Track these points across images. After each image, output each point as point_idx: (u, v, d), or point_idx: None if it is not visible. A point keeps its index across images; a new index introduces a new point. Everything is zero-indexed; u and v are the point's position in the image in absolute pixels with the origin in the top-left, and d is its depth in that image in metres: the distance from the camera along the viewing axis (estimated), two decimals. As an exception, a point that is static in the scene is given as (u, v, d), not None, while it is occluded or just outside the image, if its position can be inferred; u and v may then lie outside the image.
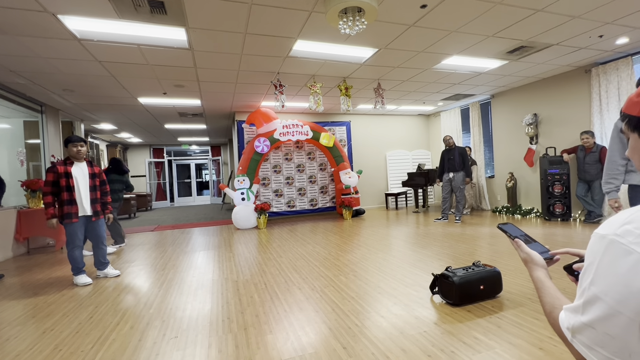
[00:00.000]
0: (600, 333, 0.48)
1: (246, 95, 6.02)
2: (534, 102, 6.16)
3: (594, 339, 0.49)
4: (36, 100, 5.56)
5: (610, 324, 0.46)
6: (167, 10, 2.92)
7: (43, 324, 2.34)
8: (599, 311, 0.48)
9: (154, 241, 5.43)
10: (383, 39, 3.81)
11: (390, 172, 8.65)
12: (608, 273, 0.47)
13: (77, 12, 2.88)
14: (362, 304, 2.43)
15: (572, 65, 5.20)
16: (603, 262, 0.48)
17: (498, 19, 3.44)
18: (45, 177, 3.17)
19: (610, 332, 0.47)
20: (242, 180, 6.32)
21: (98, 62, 4.03)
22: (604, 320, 0.47)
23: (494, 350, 1.73)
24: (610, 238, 0.47)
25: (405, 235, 4.89)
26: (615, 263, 0.46)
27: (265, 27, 3.36)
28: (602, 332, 0.48)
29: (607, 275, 0.47)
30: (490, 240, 4.25)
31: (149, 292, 2.92)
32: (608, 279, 0.47)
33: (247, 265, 3.66)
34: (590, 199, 4.99)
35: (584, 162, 4.94)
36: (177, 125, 8.75)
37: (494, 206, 7.07)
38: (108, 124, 8.04)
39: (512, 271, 2.96)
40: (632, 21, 3.64)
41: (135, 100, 5.90)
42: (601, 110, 5.04)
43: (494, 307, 2.26)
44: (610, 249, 0.47)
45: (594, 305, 0.49)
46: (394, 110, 8.13)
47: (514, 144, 6.64)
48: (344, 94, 5.36)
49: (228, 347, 1.90)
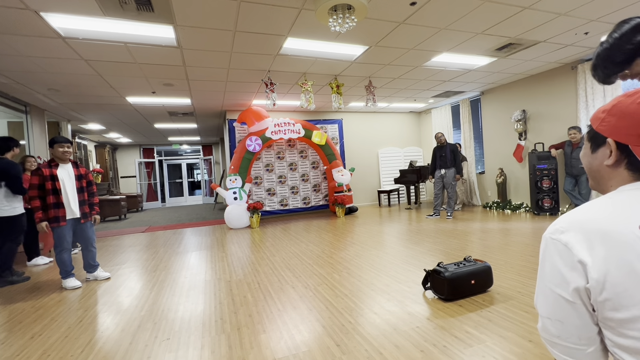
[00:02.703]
0: (554, 322, 0.56)
1: (237, 94, 5.96)
2: (523, 99, 6.25)
3: (551, 331, 0.57)
4: (20, 101, 5.42)
5: (557, 309, 0.55)
6: (154, 7, 2.87)
7: (31, 329, 2.29)
8: (545, 299, 0.57)
9: (145, 242, 5.36)
10: (373, 37, 3.81)
11: (382, 170, 8.69)
12: (545, 265, 0.57)
13: (60, 9, 2.81)
14: (356, 301, 2.44)
15: (559, 62, 5.29)
16: (543, 258, 0.58)
17: (486, 17, 3.47)
18: (31, 181, 3.07)
19: (559, 317, 0.55)
20: (234, 180, 6.28)
21: (84, 60, 3.94)
22: (551, 307, 0.56)
23: (485, 344, 1.76)
24: (545, 237, 0.58)
25: (398, 232, 4.93)
26: (548, 254, 0.56)
27: (255, 25, 3.33)
28: (555, 320, 0.56)
29: (544, 267, 0.57)
30: (481, 236, 4.31)
31: (140, 294, 2.88)
32: (545, 268, 0.57)
33: (240, 264, 3.65)
34: (578, 193, 5.09)
35: (571, 157, 5.04)
36: (167, 125, 8.63)
37: (485, 202, 7.16)
38: (96, 124, 7.89)
39: (503, 265, 3.01)
40: (616, 18, 3.71)
41: (123, 99, 5.80)
42: (587, 106, 5.14)
43: (485, 301, 2.29)
44: (544, 245, 0.57)
45: (541, 295, 0.58)
46: (386, 107, 8.16)
47: (503, 140, 6.73)
48: (336, 92, 5.36)
49: (221, 348, 1.89)
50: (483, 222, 5.31)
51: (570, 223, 0.54)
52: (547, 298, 0.57)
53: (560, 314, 0.55)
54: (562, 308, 0.54)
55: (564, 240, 0.54)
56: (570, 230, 0.53)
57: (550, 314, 0.56)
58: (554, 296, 0.55)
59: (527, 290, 2.41)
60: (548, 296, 0.56)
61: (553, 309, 0.56)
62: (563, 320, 0.55)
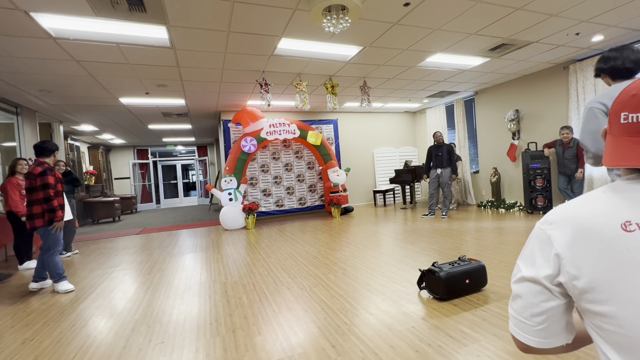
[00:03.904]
0: (515, 297, 0.61)
1: (231, 95, 5.94)
2: (516, 99, 6.31)
3: (512, 305, 0.62)
4: (11, 102, 5.34)
5: (520, 286, 0.59)
6: (146, 7, 2.85)
7: (22, 334, 2.26)
8: (518, 275, 0.60)
9: (139, 244, 5.32)
10: (367, 37, 3.82)
11: (377, 170, 8.71)
12: (526, 247, 0.61)
13: (50, 9, 2.77)
14: (351, 301, 2.44)
15: (551, 62, 5.34)
16: (527, 241, 0.61)
17: (479, 17, 3.49)
18: (49, 180, 3.04)
19: (519, 292, 0.60)
20: (230, 181, 6.25)
21: (76, 61, 3.90)
22: (523, 284, 0.59)
23: (479, 343, 1.77)
24: (536, 225, 0.60)
25: (393, 231, 4.94)
26: (531, 240, 0.60)
27: (249, 25, 3.31)
28: (516, 296, 0.60)
29: (525, 248, 0.61)
30: (475, 235, 4.34)
31: (134, 297, 2.85)
32: (525, 250, 0.61)
33: (236, 266, 3.63)
34: (571, 191, 5.15)
35: (563, 157, 5.09)
36: (161, 126, 8.57)
37: (479, 201, 7.22)
38: (89, 125, 7.80)
39: (497, 265, 3.03)
40: (606, 19, 3.76)
41: (116, 100, 5.74)
42: (579, 106, 5.20)
43: (480, 301, 2.30)
44: (533, 232, 0.60)
45: (517, 275, 0.61)
46: (381, 107, 8.18)
47: (497, 139, 6.78)
48: (330, 92, 5.36)
49: (216, 351, 1.88)
50: (477, 221, 5.34)
51: (558, 216, 0.57)
52: (519, 275, 0.61)
53: (520, 289, 0.60)
54: (524, 286, 0.59)
55: (548, 232, 0.56)
56: (557, 223, 0.56)
57: (521, 291, 0.60)
58: (524, 275, 0.59)
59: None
60: (519, 274, 0.61)
61: (523, 287, 0.59)
62: (522, 296, 0.59)
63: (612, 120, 0.56)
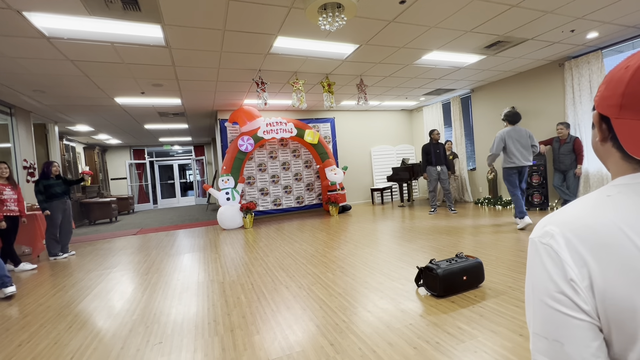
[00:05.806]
0: (552, 342, 0.45)
1: (228, 94, 5.91)
2: (512, 96, 6.33)
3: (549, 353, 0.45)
4: (4, 102, 5.28)
5: (554, 326, 0.45)
6: (140, 6, 2.82)
7: (18, 337, 2.24)
8: (536, 313, 0.47)
9: (136, 245, 5.29)
10: (364, 35, 3.81)
11: (375, 168, 8.72)
12: (532, 269, 0.49)
13: (43, 8, 2.75)
14: (349, 299, 2.44)
15: (547, 59, 5.36)
16: (530, 262, 0.50)
17: (475, 15, 3.50)
18: None
19: (557, 336, 0.44)
20: (227, 180, 6.23)
21: (70, 61, 3.86)
22: (547, 324, 0.46)
23: (477, 339, 1.78)
24: (533, 240, 0.50)
25: (391, 229, 4.95)
26: (535, 260, 0.49)
27: (245, 24, 3.30)
28: (552, 340, 0.45)
29: (532, 271, 0.49)
30: (472, 232, 4.35)
31: (132, 298, 2.84)
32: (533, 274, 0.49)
33: (234, 266, 3.62)
34: (566, 188, 5.18)
35: (559, 153, 5.12)
36: (157, 126, 8.52)
37: (476, 198, 7.24)
38: (84, 125, 7.74)
39: (494, 261, 3.05)
40: (601, 16, 3.78)
41: (111, 100, 5.70)
42: (574, 103, 5.22)
43: (477, 297, 2.32)
44: (532, 249, 0.50)
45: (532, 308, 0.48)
46: (377, 105, 8.18)
47: (493, 136, 6.79)
48: (327, 91, 5.35)
49: (214, 351, 1.87)
50: (474, 218, 5.37)
51: (562, 226, 0.47)
52: (539, 312, 0.47)
53: (557, 332, 0.44)
54: (560, 324, 0.44)
55: (555, 247, 0.46)
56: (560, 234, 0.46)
57: (545, 333, 0.46)
58: (549, 311, 0.45)
59: (518, 285, 2.44)
60: (541, 310, 0.46)
61: (549, 326, 0.45)
62: (562, 340, 0.44)
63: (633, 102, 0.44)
